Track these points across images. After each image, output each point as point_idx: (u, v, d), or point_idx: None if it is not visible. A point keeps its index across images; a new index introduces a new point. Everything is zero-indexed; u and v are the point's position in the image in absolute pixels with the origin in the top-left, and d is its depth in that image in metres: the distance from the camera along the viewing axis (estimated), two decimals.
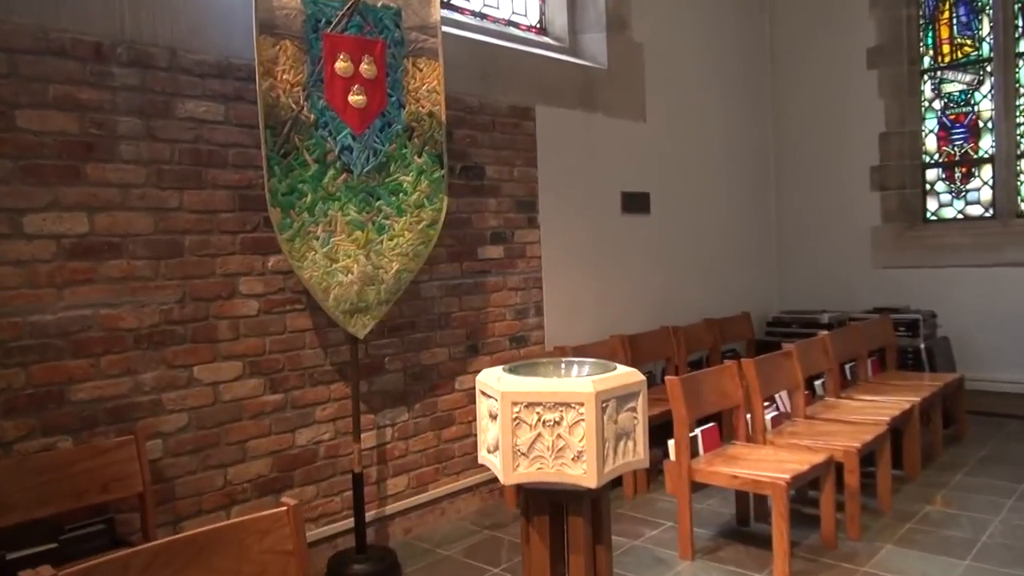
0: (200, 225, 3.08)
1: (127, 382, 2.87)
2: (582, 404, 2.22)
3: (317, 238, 3.12)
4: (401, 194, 3.34)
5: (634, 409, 2.35)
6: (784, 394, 4.25)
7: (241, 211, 3.18)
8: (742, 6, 6.42)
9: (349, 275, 3.20)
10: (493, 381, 2.37)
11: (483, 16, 4.64)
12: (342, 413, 3.51)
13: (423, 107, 3.40)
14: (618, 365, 2.49)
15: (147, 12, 2.92)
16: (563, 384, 2.31)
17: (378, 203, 3.28)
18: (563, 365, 2.63)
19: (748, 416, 3.79)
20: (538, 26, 5.04)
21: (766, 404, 4.00)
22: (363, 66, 3.21)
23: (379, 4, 3.26)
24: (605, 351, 4.74)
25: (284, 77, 3.02)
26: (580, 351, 4.54)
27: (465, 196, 4.13)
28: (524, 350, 4.45)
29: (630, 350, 4.85)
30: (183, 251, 3.02)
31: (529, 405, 2.27)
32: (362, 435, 3.49)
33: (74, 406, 2.74)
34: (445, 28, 4.06)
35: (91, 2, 2.77)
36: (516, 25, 4.87)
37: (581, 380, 2.32)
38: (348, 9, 3.16)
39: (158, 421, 2.95)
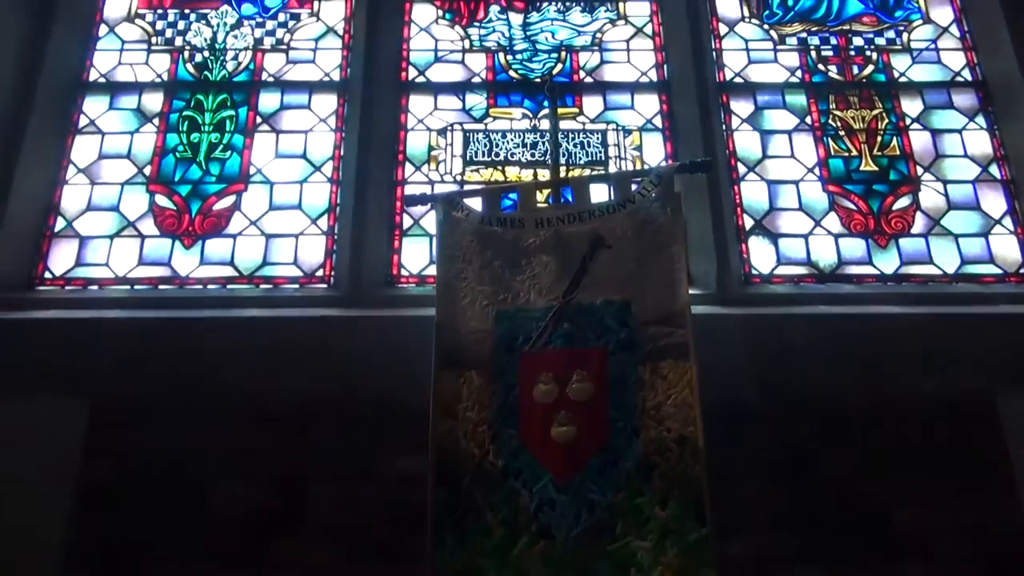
0: None
1: None
2: None
3: None
4: (633, 569, 2.13)
5: None
6: None
7: None
8: None
9: None
10: None
11: (903, 279, 3.18)
12: None
13: (669, 431, 2.25)
14: None
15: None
16: None
17: None
18: None
19: None
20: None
21: None
22: (573, 385, 2.34)
23: (598, 300, 2.43)
24: None
25: (467, 415, 2.37)
26: None
27: (839, 565, 2.49)
28: None
29: None
30: None
31: None
32: None
33: None
34: (801, 308, 2.90)
35: None
36: (976, 278, 3.20)
37: None
38: (552, 317, 2.43)
39: None
